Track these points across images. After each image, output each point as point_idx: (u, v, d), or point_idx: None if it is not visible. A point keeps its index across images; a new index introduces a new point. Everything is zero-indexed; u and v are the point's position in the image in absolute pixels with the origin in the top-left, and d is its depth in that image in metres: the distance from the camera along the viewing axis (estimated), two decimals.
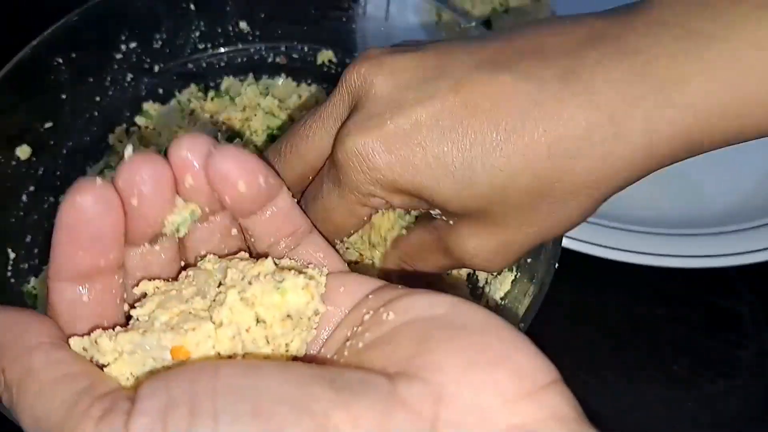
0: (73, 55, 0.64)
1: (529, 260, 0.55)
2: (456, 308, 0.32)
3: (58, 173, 0.66)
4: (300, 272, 0.35)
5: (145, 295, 0.36)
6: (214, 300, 0.34)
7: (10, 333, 0.32)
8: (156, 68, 0.70)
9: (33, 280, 0.62)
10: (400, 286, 0.35)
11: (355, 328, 0.34)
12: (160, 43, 0.69)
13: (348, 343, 0.33)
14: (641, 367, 0.71)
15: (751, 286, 0.73)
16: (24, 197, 0.63)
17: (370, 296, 0.35)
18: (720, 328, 0.70)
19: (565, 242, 0.66)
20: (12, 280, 0.61)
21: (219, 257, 0.38)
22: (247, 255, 0.38)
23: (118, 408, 0.28)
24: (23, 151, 0.62)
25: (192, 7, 0.68)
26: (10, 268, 0.61)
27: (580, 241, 0.69)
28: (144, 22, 0.68)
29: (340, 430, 0.26)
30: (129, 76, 0.69)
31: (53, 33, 0.63)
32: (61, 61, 0.64)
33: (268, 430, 0.26)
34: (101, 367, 0.33)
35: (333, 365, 0.32)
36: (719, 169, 0.80)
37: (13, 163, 0.62)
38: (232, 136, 0.68)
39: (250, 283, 0.34)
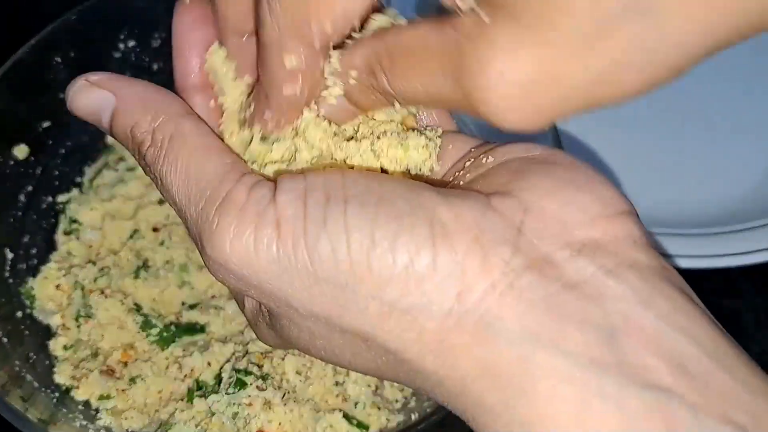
0: (72, 54, 0.64)
1: None
2: (550, 151, 0.35)
3: (56, 173, 0.66)
4: (421, 133, 0.39)
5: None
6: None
7: (160, 99, 0.37)
8: (155, 67, 0.70)
9: (31, 281, 0.62)
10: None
11: (456, 173, 0.37)
12: (158, 41, 0.69)
13: (449, 184, 0.37)
14: None
15: (754, 286, 0.72)
16: (22, 197, 0.63)
17: (472, 149, 0.38)
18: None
19: None
20: (10, 281, 0.61)
21: None
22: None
23: (264, 184, 0.33)
24: (21, 151, 0.63)
25: None
26: (8, 268, 0.61)
27: None
28: (142, 21, 0.68)
29: (444, 221, 0.31)
30: (128, 75, 0.69)
31: (51, 32, 0.63)
32: (59, 60, 0.64)
33: (388, 214, 0.31)
34: None
35: None
36: (721, 168, 0.80)
37: (11, 162, 0.62)
38: None
39: (378, 137, 0.38)
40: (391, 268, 0.30)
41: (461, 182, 0.36)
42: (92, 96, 0.38)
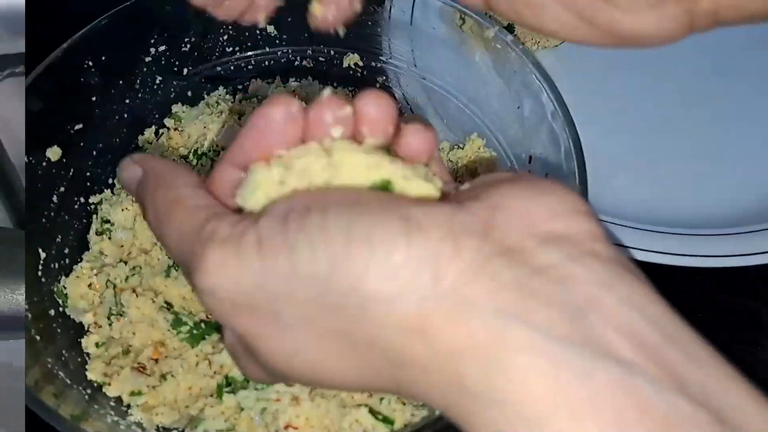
0: (103, 58, 0.65)
1: None
2: (519, 173, 0.38)
3: (88, 174, 0.67)
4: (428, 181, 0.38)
5: None
6: None
7: (171, 172, 0.41)
8: (185, 71, 0.71)
9: (63, 280, 0.63)
10: None
11: None
12: (188, 46, 0.70)
13: None
14: None
15: None
16: (54, 198, 0.64)
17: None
18: (738, 327, 0.70)
19: None
20: (43, 280, 0.61)
21: None
22: None
23: (248, 217, 0.36)
24: (54, 153, 0.63)
25: None
26: (40, 267, 0.61)
27: None
28: (173, 26, 0.69)
29: (417, 217, 0.33)
30: (158, 79, 0.70)
31: (83, 36, 0.64)
32: (91, 63, 0.65)
33: (364, 212, 0.33)
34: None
35: None
36: (737, 168, 0.80)
37: (44, 164, 0.63)
38: None
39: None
40: (368, 259, 0.32)
41: None
42: (128, 170, 0.43)
